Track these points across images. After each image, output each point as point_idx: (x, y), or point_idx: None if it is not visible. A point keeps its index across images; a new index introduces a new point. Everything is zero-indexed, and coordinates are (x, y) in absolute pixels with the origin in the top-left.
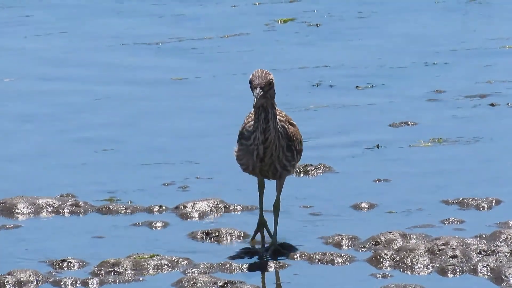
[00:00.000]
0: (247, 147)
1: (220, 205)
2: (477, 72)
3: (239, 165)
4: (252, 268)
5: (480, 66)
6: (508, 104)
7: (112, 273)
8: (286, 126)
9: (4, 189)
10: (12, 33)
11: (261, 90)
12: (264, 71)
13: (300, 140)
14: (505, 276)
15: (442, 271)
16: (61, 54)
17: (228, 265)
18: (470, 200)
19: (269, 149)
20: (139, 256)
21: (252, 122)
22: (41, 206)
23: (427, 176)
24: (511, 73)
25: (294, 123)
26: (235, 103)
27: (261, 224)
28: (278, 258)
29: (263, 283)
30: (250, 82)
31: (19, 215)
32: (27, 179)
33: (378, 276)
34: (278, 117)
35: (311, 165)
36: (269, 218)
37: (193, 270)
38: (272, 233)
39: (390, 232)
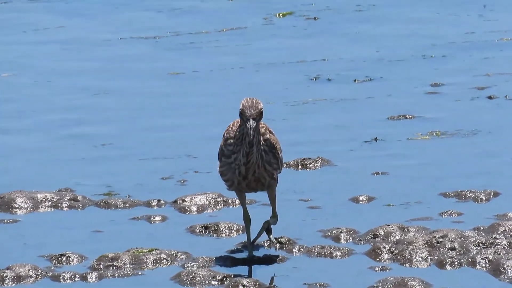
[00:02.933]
0: (229, 165)
1: (218, 199)
2: (476, 65)
3: (224, 183)
4: (251, 261)
5: (478, 59)
6: (506, 96)
7: (111, 268)
8: (267, 136)
9: (2, 184)
10: (10, 28)
11: (254, 122)
12: (254, 101)
13: (280, 148)
14: (504, 268)
15: (441, 264)
16: (58, 49)
17: (227, 259)
18: (468, 192)
19: (251, 169)
20: (137, 250)
21: (231, 140)
22: (39, 201)
23: (426, 169)
24: (510, 66)
25: (273, 131)
26: (232, 97)
27: (251, 258)
28: (276, 251)
29: (262, 277)
30: (242, 113)
31: (17, 210)
32: (26, 174)
33: (376, 269)
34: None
35: (309, 158)
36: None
37: (192, 264)
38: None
39: (389, 225)
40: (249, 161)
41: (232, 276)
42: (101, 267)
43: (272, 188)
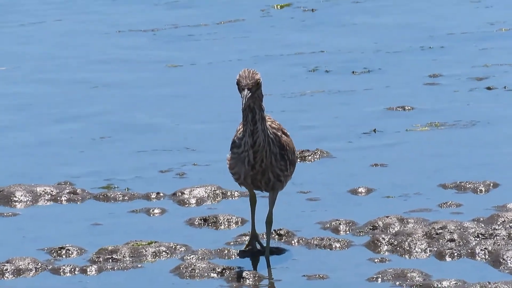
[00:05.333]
0: (238, 155)
1: (217, 191)
2: (474, 56)
3: (232, 176)
4: (250, 254)
5: (476, 50)
6: (505, 87)
7: (111, 260)
8: (279, 134)
9: (1, 177)
10: (8, 21)
11: (249, 92)
12: (251, 71)
13: (294, 150)
14: (503, 259)
15: (440, 255)
16: (56, 42)
17: (226, 251)
18: (467, 183)
19: (259, 153)
20: (137, 243)
21: (242, 129)
22: (39, 194)
23: (424, 160)
24: (508, 57)
25: (288, 133)
26: (231, 90)
27: (253, 237)
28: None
29: (261, 269)
30: (238, 83)
31: (17, 203)
32: (25, 167)
33: (376, 260)
34: (270, 124)
35: (308, 150)
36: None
37: (191, 257)
38: (265, 246)
39: (388, 217)
40: (255, 142)
41: (231, 268)
42: (101, 260)
43: (276, 191)
